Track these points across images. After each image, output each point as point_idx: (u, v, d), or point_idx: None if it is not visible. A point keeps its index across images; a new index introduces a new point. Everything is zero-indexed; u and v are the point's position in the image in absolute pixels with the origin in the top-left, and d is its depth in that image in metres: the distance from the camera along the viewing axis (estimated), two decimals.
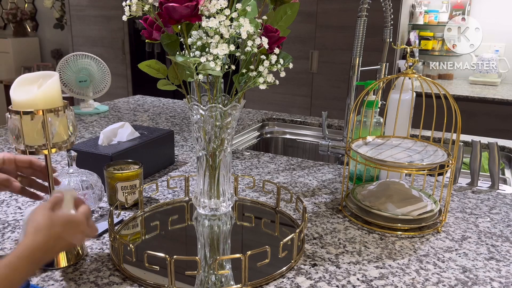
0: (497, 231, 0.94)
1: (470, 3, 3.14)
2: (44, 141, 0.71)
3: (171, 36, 0.75)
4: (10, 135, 0.72)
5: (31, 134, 0.70)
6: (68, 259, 0.78)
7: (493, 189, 1.19)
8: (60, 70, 1.84)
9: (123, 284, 0.74)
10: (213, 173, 0.87)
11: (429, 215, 0.96)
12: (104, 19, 3.75)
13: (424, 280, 0.76)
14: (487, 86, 3.06)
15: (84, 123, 1.74)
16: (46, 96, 0.70)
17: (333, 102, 3.02)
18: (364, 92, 1.02)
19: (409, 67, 0.98)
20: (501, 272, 0.79)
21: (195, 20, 0.70)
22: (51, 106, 0.71)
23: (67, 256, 0.78)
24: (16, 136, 0.71)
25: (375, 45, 2.04)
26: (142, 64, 0.76)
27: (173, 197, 1.08)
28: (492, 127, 2.65)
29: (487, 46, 3.11)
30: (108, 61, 2.27)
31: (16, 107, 0.70)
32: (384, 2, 1.29)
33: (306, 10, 2.98)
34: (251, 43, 0.72)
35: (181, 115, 1.91)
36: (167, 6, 0.68)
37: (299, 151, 1.88)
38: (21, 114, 0.69)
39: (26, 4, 4.78)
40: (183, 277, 0.75)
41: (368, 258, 0.83)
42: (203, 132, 0.83)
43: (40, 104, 0.70)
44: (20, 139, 0.71)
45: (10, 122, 0.71)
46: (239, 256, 0.72)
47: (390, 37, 1.35)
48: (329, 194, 1.13)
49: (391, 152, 0.99)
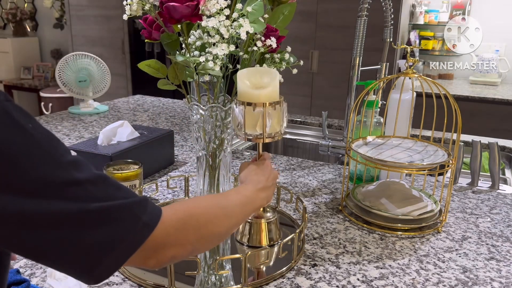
0: (497, 231, 0.94)
1: (470, 3, 3.14)
2: (261, 130, 0.76)
3: (171, 36, 0.75)
4: (233, 123, 0.78)
5: (251, 123, 0.75)
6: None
7: (494, 189, 1.19)
8: (59, 70, 1.84)
9: (123, 284, 0.74)
10: (213, 173, 0.87)
11: (429, 215, 0.96)
12: (104, 19, 3.75)
13: (424, 280, 0.76)
14: (487, 86, 3.06)
15: (83, 123, 1.74)
16: (268, 91, 0.74)
17: (333, 102, 3.02)
18: (364, 92, 1.02)
19: (409, 67, 0.98)
20: (502, 272, 0.79)
21: (196, 20, 0.70)
22: (271, 99, 0.74)
23: None
24: (238, 124, 0.76)
25: (375, 45, 2.04)
26: (142, 64, 0.76)
27: (173, 197, 1.08)
28: (493, 127, 2.65)
29: (487, 46, 3.11)
30: (108, 61, 2.27)
31: (241, 97, 0.75)
32: (384, 2, 1.29)
33: (306, 10, 2.98)
34: (260, 43, 0.73)
35: (181, 115, 1.91)
36: (167, 5, 0.68)
37: (299, 151, 1.88)
38: (245, 105, 0.74)
39: (26, 4, 4.78)
40: (183, 277, 0.74)
41: (368, 258, 0.82)
42: (203, 132, 0.83)
43: (263, 97, 0.74)
44: (241, 127, 0.76)
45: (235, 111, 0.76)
46: (239, 256, 0.72)
47: (390, 37, 1.35)
48: (329, 194, 1.13)
49: (391, 152, 0.99)
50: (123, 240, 0.45)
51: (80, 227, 0.42)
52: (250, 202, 0.68)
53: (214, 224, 0.59)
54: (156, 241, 0.49)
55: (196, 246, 0.57)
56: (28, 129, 0.41)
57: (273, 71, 0.74)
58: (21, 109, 0.42)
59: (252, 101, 0.73)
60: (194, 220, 0.56)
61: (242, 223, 0.67)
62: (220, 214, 0.61)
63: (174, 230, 0.52)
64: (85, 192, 0.43)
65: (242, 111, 0.74)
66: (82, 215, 0.42)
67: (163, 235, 0.50)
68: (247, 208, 0.67)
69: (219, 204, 0.63)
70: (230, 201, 0.65)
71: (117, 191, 0.46)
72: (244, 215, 0.67)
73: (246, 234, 0.85)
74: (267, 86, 0.73)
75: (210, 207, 0.61)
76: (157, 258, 0.51)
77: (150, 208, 0.49)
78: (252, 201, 0.69)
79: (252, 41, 0.75)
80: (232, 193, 0.69)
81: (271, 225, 0.84)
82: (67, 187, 0.42)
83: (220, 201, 0.64)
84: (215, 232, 0.59)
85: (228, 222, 0.61)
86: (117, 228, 0.44)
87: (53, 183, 0.41)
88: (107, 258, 0.44)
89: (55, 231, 0.41)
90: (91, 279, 0.44)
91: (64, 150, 0.44)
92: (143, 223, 0.47)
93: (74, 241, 0.42)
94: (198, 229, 0.56)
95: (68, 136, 1.56)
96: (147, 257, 0.50)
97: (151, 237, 0.48)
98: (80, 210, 0.42)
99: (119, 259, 0.45)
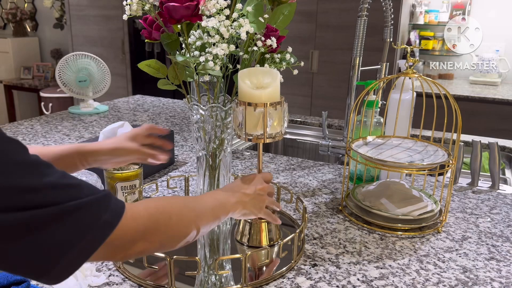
0: (497, 231, 0.94)
1: (470, 3, 3.14)
2: (261, 131, 0.76)
3: (171, 36, 0.75)
4: (234, 123, 0.78)
5: (252, 123, 0.75)
6: None
7: (494, 189, 1.19)
8: (59, 70, 1.84)
9: (123, 284, 0.74)
10: (213, 173, 0.87)
11: (429, 215, 0.96)
12: (104, 19, 3.75)
13: (425, 280, 0.76)
14: (487, 86, 3.06)
15: (83, 123, 1.74)
16: (269, 92, 0.74)
17: (333, 102, 3.02)
18: (364, 92, 1.02)
19: (409, 67, 0.98)
20: (502, 272, 0.79)
21: (196, 20, 0.70)
22: (272, 100, 0.75)
23: None
24: (239, 124, 0.76)
25: (375, 45, 2.04)
26: (142, 64, 0.76)
27: None
28: (493, 127, 2.65)
29: (487, 46, 3.11)
30: (107, 61, 2.27)
31: (242, 98, 0.74)
32: (384, 2, 1.29)
33: (306, 10, 2.98)
34: (260, 43, 0.73)
35: (181, 115, 1.91)
36: (167, 5, 0.68)
37: (299, 151, 1.88)
38: (245, 105, 0.74)
39: (26, 4, 4.78)
40: (183, 277, 0.74)
41: (368, 258, 0.82)
42: (203, 132, 0.83)
43: (264, 97, 0.74)
44: (242, 127, 0.76)
45: (236, 111, 0.76)
46: (239, 256, 0.72)
47: (391, 37, 1.35)
48: (329, 194, 1.13)
49: (392, 152, 0.99)
50: (82, 239, 0.45)
51: (36, 229, 0.42)
52: (221, 206, 0.69)
53: (184, 224, 0.60)
54: (123, 237, 0.49)
55: (164, 243, 0.58)
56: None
57: (274, 71, 0.74)
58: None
59: (253, 101, 0.73)
60: (165, 218, 0.57)
61: (214, 226, 0.68)
62: (191, 216, 0.62)
63: (144, 227, 0.53)
64: (42, 197, 0.42)
65: (243, 111, 0.74)
66: (40, 218, 0.42)
67: (131, 230, 0.50)
68: (218, 212, 0.68)
69: (191, 206, 0.64)
70: (202, 204, 0.66)
71: (77, 190, 0.46)
72: (215, 218, 0.67)
73: (246, 234, 0.85)
74: (268, 86, 0.73)
75: (182, 208, 0.62)
76: (125, 253, 0.52)
77: (113, 205, 0.49)
78: (223, 205, 0.69)
79: (252, 41, 0.75)
80: (205, 197, 0.71)
81: (271, 225, 0.84)
82: (22, 195, 0.41)
83: (192, 203, 0.65)
84: (184, 233, 0.60)
85: (198, 224, 0.62)
86: (75, 228, 0.44)
87: (6, 192, 0.40)
88: (65, 258, 0.44)
89: (10, 236, 0.41)
90: (51, 279, 0.44)
91: (21, 154, 0.43)
92: (103, 221, 0.47)
93: (31, 243, 0.42)
94: (168, 227, 0.57)
95: (68, 136, 1.56)
96: (114, 252, 0.50)
97: (118, 233, 0.48)
98: (36, 215, 0.41)
99: (79, 258, 0.45)
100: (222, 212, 0.69)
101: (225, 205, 0.70)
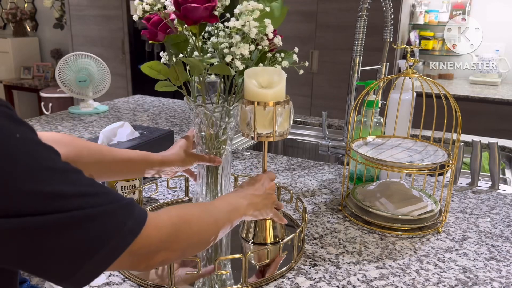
0: (497, 231, 0.94)
1: (470, 3, 3.14)
2: (271, 129, 0.77)
3: (180, 36, 0.74)
4: (241, 122, 0.79)
5: (262, 122, 0.76)
6: None
7: (494, 189, 1.19)
8: (59, 70, 1.84)
9: (123, 284, 0.74)
10: (213, 173, 0.87)
11: (429, 215, 0.96)
12: (104, 19, 3.75)
13: (425, 280, 0.76)
14: (487, 86, 3.06)
15: (83, 123, 1.74)
16: (276, 91, 0.75)
17: (333, 102, 3.02)
18: (364, 92, 1.02)
19: (409, 67, 0.98)
20: (502, 272, 0.79)
21: (214, 21, 0.70)
22: (279, 99, 0.75)
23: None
24: (248, 123, 0.77)
25: (375, 45, 2.04)
26: (144, 66, 0.75)
27: (173, 197, 1.08)
28: (493, 127, 2.65)
29: (487, 46, 3.11)
30: (107, 61, 2.27)
31: (249, 97, 0.75)
32: (384, 2, 1.29)
33: (306, 10, 2.98)
34: (267, 42, 0.73)
35: (181, 115, 1.91)
36: (186, 6, 0.67)
37: (299, 151, 1.88)
38: (255, 104, 0.74)
39: (26, 4, 4.78)
40: (183, 278, 0.74)
41: (368, 258, 0.82)
42: (206, 131, 0.83)
43: (270, 96, 0.74)
44: (251, 126, 0.77)
45: (244, 110, 0.77)
46: (239, 256, 0.72)
47: (390, 37, 1.35)
48: (329, 194, 1.13)
49: (392, 152, 0.99)
50: (105, 245, 0.44)
51: (61, 234, 0.42)
52: (234, 209, 0.69)
53: (205, 231, 0.61)
54: (147, 246, 0.49)
55: (185, 251, 0.59)
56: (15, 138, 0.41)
57: (280, 71, 0.75)
58: (11, 116, 0.42)
59: (259, 100, 0.74)
60: (186, 227, 0.57)
61: (228, 230, 0.68)
62: (210, 222, 0.63)
63: (167, 236, 0.52)
64: (70, 204, 0.42)
65: (252, 110, 0.75)
66: (64, 222, 0.42)
67: (155, 240, 0.50)
68: (233, 215, 0.68)
69: (208, 213, 0.64)
70: (217, 209, 0.67)
71: (103, 197, 0.46)
72: (230, 221, 0.68)
73: (251, 231, 0.85)
74: (275, 86, 0.74)
75: (201, 215, 0.62)
76: (148, 263, 0.51)
77: (136, 213, 0.48)
78: (236, 209, 0.70)
79: (254, 40, 0.75)
80: (218, 201, 0.72)
81: (276, 222, 0.85)
82: (50, 200, 0.41)
83: (210, 209, 0.66)
84: (205, 239, 0.61)
85: (216, 230, 0.63)
86: (99, 233, 0.44)
87: (34, 197, 0.41)
88: (88, 263, 0.44)
89: (37, 239, 0.41)
90: (72, 284, 0.44)
91: (53, 160, 0.44)
92: (127, 228, 0.47)
93: (55, 247, 0.42)
94: (190, 235, 0.57)
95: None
96: (138, 262, 0.50)
97: (141, 242, 0.48)
98: (60, 218, 0.42)
99: (101, 264, 0.45)
100: (236, 215, 0.69)
101: (238, 209, 0.70)
